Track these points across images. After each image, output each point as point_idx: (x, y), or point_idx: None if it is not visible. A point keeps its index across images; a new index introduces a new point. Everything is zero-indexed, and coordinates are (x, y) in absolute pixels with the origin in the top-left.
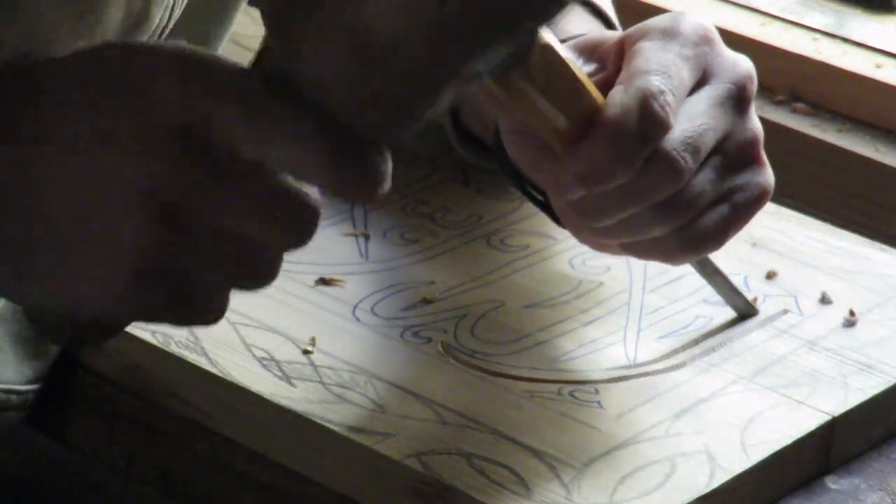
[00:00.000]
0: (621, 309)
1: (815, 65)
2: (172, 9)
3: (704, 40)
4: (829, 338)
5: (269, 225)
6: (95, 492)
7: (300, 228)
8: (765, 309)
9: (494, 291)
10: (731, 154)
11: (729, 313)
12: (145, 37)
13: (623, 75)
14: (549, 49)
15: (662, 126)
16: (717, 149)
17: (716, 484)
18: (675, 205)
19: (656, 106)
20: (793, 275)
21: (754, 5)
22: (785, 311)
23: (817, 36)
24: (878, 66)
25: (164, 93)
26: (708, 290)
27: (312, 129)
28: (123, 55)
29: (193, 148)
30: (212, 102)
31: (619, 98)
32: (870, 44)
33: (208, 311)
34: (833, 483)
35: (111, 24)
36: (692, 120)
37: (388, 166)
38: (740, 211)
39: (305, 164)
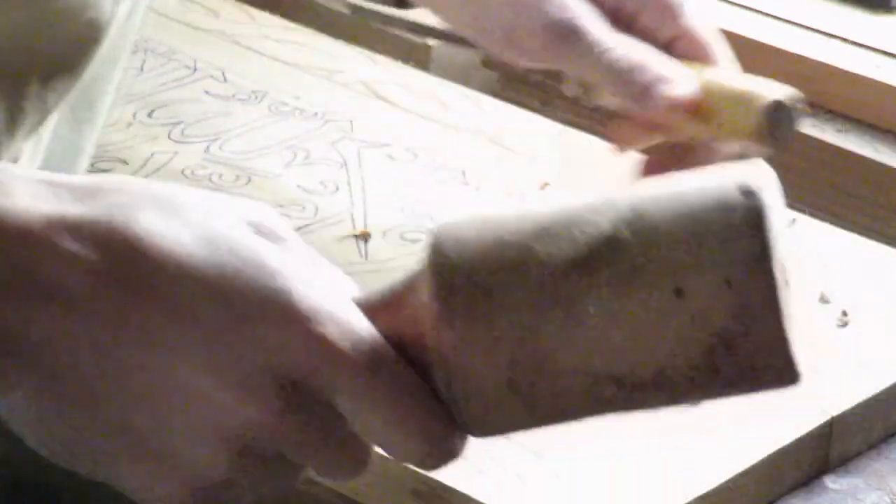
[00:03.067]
0: None
1: (814, 65)
2: None
3: None
4: (828, 337)
5: (330, 469)
6: (95, 492)
7: (352, 475)
8: None
9: None
10: None
11: None
12: None
13: None
14: None
15: None
16: None
17: (715, 484)
18: None
19: None
20: None
21: (755, 6)
22: None
23: (817, 36)
24: (878, 67)
25: (290, 351)
26: None
27: (420, 426)
28: (253, 283)
29: (294, 399)
30: (334, 370)
31: None
32: (870, 44)
33: None
34: (832, 483)
35: None
36: None
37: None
38: None
39: (400, 449)
